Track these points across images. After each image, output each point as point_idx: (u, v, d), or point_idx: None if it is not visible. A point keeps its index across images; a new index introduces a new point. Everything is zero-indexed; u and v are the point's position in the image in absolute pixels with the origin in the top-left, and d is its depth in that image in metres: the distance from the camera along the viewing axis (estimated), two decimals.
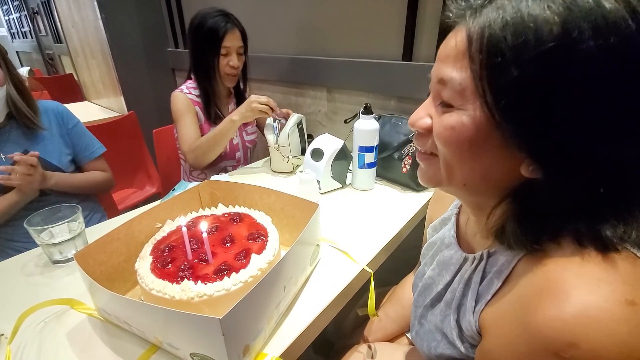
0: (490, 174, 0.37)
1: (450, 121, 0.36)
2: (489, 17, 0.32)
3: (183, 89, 1.30)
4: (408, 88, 1.10)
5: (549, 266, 0.34)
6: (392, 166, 1.03)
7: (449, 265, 0.51)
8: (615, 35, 0.28)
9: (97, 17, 1.94)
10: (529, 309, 0.33)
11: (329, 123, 1.43)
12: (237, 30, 1.21)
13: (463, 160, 0.37)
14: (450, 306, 0.47)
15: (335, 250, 0.76)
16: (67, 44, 2.88)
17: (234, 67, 1.23)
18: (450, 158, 0.38)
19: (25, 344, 0.55)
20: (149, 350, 0.53)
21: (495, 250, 0.43)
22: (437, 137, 0.38)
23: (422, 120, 0.40)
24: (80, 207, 0.75)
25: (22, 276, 0.71)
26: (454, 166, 0.39)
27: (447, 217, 0.58)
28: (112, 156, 1.31)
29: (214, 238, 0.65)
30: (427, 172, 0.43)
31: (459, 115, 0.35)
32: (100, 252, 0.60)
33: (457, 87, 0.35)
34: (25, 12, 4.09)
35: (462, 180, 0.39)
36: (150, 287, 0.53)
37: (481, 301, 0.42)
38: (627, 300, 0.29)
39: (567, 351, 0.29)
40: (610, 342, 0.28)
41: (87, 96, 3.05)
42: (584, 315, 0.29)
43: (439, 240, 0.56)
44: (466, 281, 0.45)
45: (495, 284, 0.40)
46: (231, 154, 1.36)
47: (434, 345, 0.50)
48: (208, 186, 0.82)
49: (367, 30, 1.16)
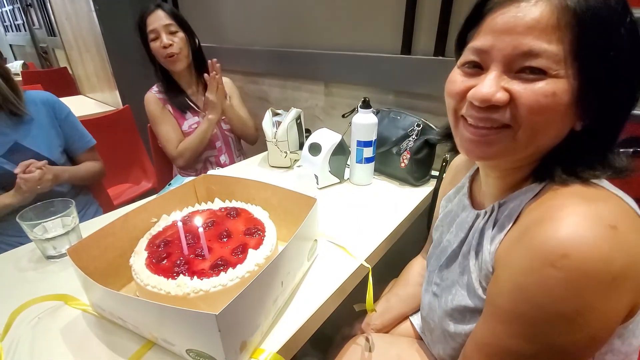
0: (560, 133, 0.42)
1: (548, 89, 0.38)
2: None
3: (153, 89, 1.32)
4: (407, 82, 1.09)
5: (551, 202, 0.41)
6: (391, 161, 1.02)
7: (464, 224, 0.56)
8: None
9: (91, 9, 1.91)
10: (530, 234, 0.39)
11: (326, 117, 1.41)
12: (159, 10, 1.22)
13: (551, 125, 0.40)
14: (467, 256, 0.52)
15: (333, 245, 0.75)
16: (61, 37, 2.84)
17: (165, 47, 1.22)
18: (540, 124, 0.40)
19: (18, 340, 0.54)
20: (145, 347, 0.52)
21: (505, 201, 0.48)
22: (532, 105, 0.39)
23: (501, 93, 0.40)
24: (74, 201, 0.73)
25: (15, 271, 0.70)
26: (539, 132, 0.41)
27: (461, 186, 0.64)
28: (108, 151, 1.30)
29: (210, 233, 0.64)
30: (498, 144, 0.43)
31: (556, 83, 0.38)
32: (94, 247, 0.59)
33: (553, 58, 0.37)
34: (19, 4, 4.02)
35: (540, 144, 0.43)
36: (146, 283, 0.52)
37: (495, 242, 0.46)
38: (610, 225, 0.35)
39: (560, 261, 0.35)
40: (595, 253, 0.34)
41: (81, 90, 3.01)
42: (575, 233, 0.35)
43: (455, 207, 0.62)
44: (480, 231, 0.51)
45: (506, 226, 0.45)
46: (211, 144, 1.36)
47: (450, 298, 0.54)
48: (204, 181, 0.81)
49: (365, 23, 1.15)
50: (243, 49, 1.61)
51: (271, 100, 1.62)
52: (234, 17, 1.61)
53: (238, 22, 1.60)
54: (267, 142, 1.17)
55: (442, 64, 0.98)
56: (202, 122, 1.27)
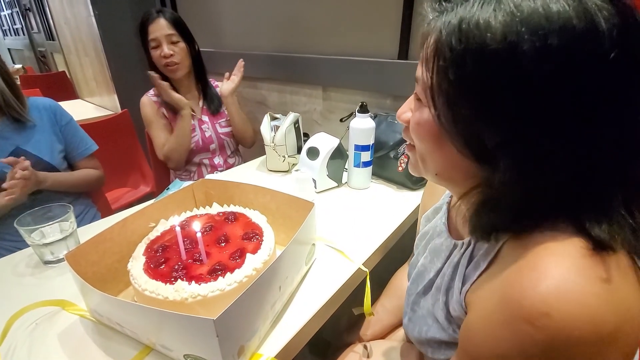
0: (456, 166, 0.40)
1: (418, 117, 0.41)
2: (443, 23, 0.34)
3: (149, 92, 1.33)
4: (404, 87, 1.10)
5: (532, 247, 0.35)
6: (388, 165, 1.03)
7: (440, 252, 0.52)
8: (557, 36, 0.29)
9: (90, 14, 1.92)
10: (508, 282, 0.35)
11: (324, 122, 1.42)
12: (161, 18, 1.22)
13: (431, 152, 0.41)
14: (440, 290, 0.49)
15: (331, 249, 0.75)
16: (60, 41, 2.84)
17: (165, 57, 1.23)
18: (421, 149, 0.43)
19: (15, 346, 0.54)
20: (142, 352, 0.52)
21: None
22: (411, 131, 0.43)
23: (405, 114, 0.45)
24: (72, 206, 0.73)
25: (13, 277, 0.70)
26: (425, 156, 0.43)
27: (439, 207, 0.60)
28: (106, 155, 1.30)
29: (208, 238, 0.64)
30: (411, 161, 0.48)
31: (424, 112, 0.39)
32: (92, 252, 0.59)
33: (423, 86, 0.38)
34: (18, 8, 4.03)
35: (434, 170, 0.43)
36: (143, 288, 0.52)
37: (467, 282, 0.44)
38: (601, 278, 0.30)
39: (540, 320, 0.30)
40: (581, 313, 0.29)
41: (80, 94, 3.01)
42: (559, 288, 0.30)
43: (431, 229, 0.58)
44: (454, 266, 0.47)
45: (481, 266, 0.42)
46: (205, 146, 1.37)
47: (425, 329, 0.52)
48: (202, 185, 0.81)
49: (363, 28, 1.16)
50: (241, 53, 1.61)
51: (269, 105, 1.63)
52: (233, 21, 1.62)
53: (236, 27, 1.61)
54: (265, 146, 1.18)
55: None
56: (177, 120, 1.27)
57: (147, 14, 1.24)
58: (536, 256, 0.34)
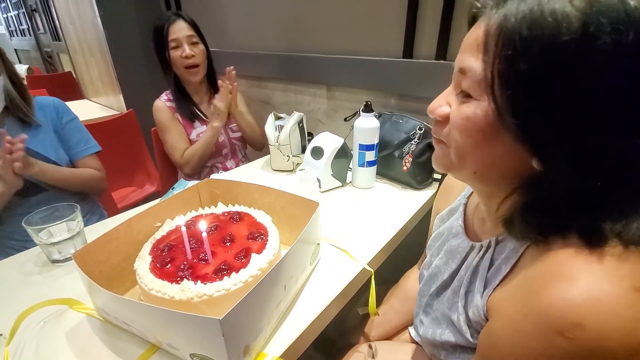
0: (501, 164, 0.38)
1: (466, 111, 0.37)
2: (509, 10, 0.32)
3: (162, 97, 1.33)
4: (409, 86, 1.09)
5: (558, 253, 0.34)
6: (393, 164, 1.03)
7: (456, 253, 0.52)
8: (635, 32, 0.28)
9: (95, 14, 1.93)
10: (536, 291, 0.33)
11: (329, 121, 1.42)
12: (181, 20, 1.23)
13: (475, 149, 0.38)
14: (457, 293, 0.48)
15: (336, 249, 0.75)
16: (66, 42, 2.86)
17: (187, 57, 1.23)
18: (463, 146, 0.39)
19: (24, 344, 0.54)
20: (149, 351, 0.53)
21: (504, 238, 0.44)
22: (453, 126, 0.39)
23: (441, 109, 0.41)
24: (79, 206, 0.74)
25: (21, 275, 0.70)
26: (466, 154, 0.40)
27: (455, 207, 0.59)
28: (112, 155, 1.30)
29: (213, 237, 0.64)
30: (439, 156, 0.44)
31: (475, 106, 0.36)
32: (99, 251, 0.59)
33: (475, 78, 0.35)
34: (24, 9, 4.06)
35: (473, 168, 0.40)
36: (150, 287, 0.53)
37: (489, 286, 0.42)
38: (634, 287, 0.29)
39: (572, 331, 0.29)
40: (614, 324, 0.28)
41: (86, 94, 3.04)
42: (591, 297, 0.29)
43: (447, 230, 0.57)
44: (474, 269, 0.46)
45: (503, 270, 0.41)
46: (218, 151, 1.37)
47: (439, 332, 0.51)
48: (208, 185, 0.82)
49: (367, 27, 1.15)
50: (246, 53, 1.62)
51: (274, 104, 1.63)
52: (237, 21, 1.62)
53: (241, 27, 1.62)
54: (270, 145, 1.18)
55: (443, 67, 0.98)
56: (207, 130, 1.28)
57: (165, 16, 1.24)
58: (564, 262, 0.33)
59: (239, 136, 1.42)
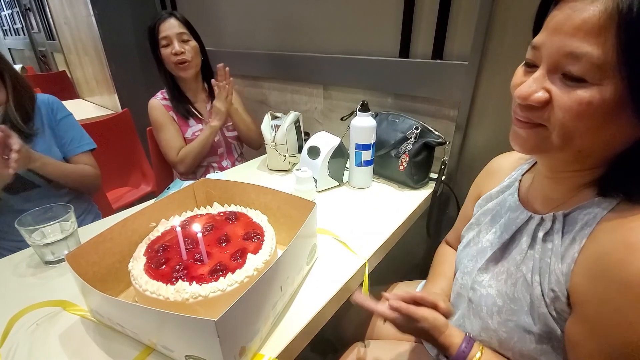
0: (612, 141, 0.39)
1: (585, 96, 0.36)
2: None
3: (157, 95, 1.33)
4: (405, 85, 1.09)
5: (634, 223, 0.37)
6: (390, 164, 1.02)
7: (511, 225, 0.53)
8: None
9: (90, 13, 1.91)
10: (621, 264, 0.35)
11: (325, 121, 1.42)
12: (172, 18, 1.24)
13: (588, 131, 0.38)
14: (518, 267, 0.49)
15: (333, 249, 0.75)
16: (60, 41, 2.84)
17: (177, 54, 1.23)
18: (573, 128, 0.39)
19: (16, 346, 0.53)
20: (143, 353, 0.52)
21: (571, 212, 0.45)
22: (567, 111, 0.38)
23: (538, 94, 0.40)
24: (72, 206, 0.73)
25: (14, 277, 0.69)
26: (574, 135, 0.39)
27: (507, 185, 0.61)
28: (107, 154, 1.29)
29: (209, 238, 0.64)
30: (531, 140, 0.44)
31: (595, 91, 0.36)
32: (92, 252, 0.58)
33: (594, 62, 0.35)
34: (18, 8, 4.02)
35: (578, 148, 0.40)
36: (144, 288, 0.52)
37: (567, 259, 0.43)
38: None
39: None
40: None
41: (80, 94, 3.01)
42: None
43: (498, 206, 0.59)
44: (542, 240, 0.47)
45: (577, 242, 0.42)
46: (213, 150, 1.37)
47: (495, 310, 0.51)
48: (203, 185, 0.81)
49: (363, 26, 1.15)
50: (242, 52, 1.61)
51: (270, 104, 1.62)
52: (233, 20, 1.61)
53: (237, 26, 1.61)
54: (266, 145, 1.18)
55: (439, 67, 0.98)
56: (205, 129, 1.27)
57: (158, 15, 1.26)
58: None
59: (235, 135, 1.42)
